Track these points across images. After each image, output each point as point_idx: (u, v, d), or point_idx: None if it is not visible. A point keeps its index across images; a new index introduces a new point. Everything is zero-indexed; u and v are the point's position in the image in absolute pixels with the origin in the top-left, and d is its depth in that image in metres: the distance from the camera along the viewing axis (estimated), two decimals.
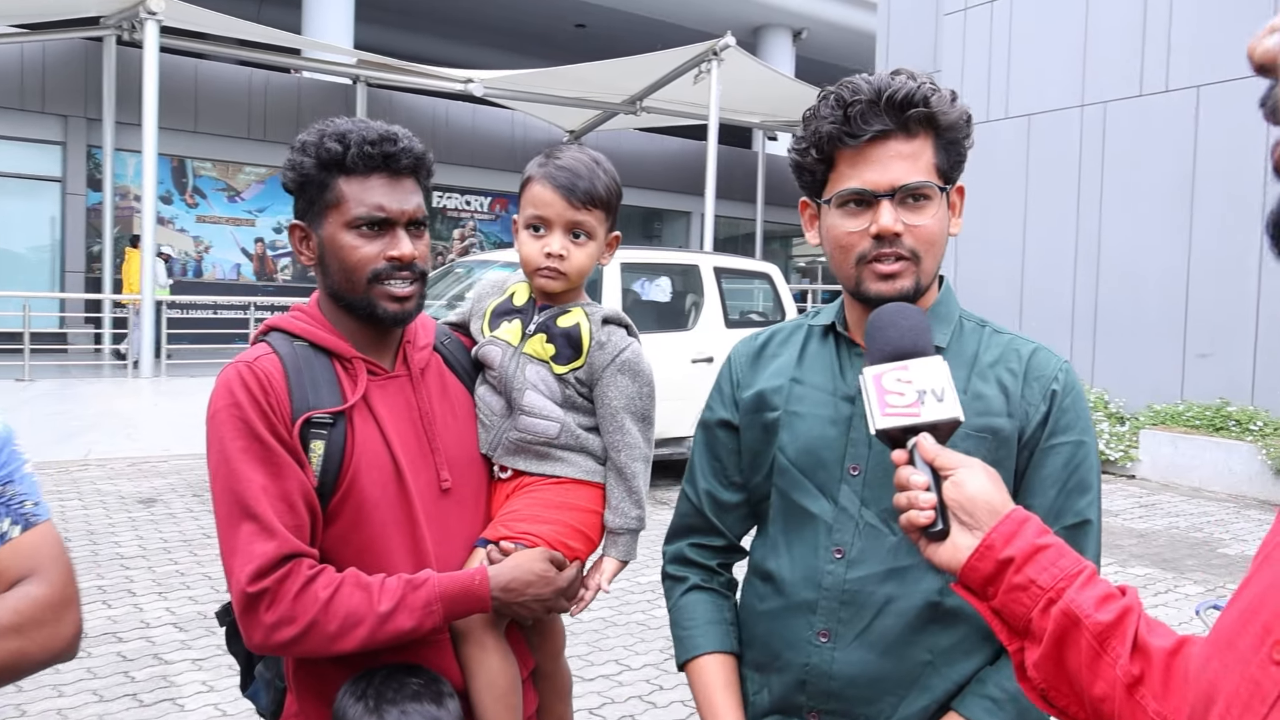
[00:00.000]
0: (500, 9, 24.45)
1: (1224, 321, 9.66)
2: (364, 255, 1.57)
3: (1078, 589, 0.99)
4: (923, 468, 1.11)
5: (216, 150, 18.14)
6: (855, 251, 1.43)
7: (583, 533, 1.71)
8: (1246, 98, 9.16)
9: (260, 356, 1.57)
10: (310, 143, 1.59)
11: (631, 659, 4.66)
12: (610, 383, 1.70)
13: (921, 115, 1.39)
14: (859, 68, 16.27)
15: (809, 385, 1.55)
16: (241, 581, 1.44)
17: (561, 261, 1.70)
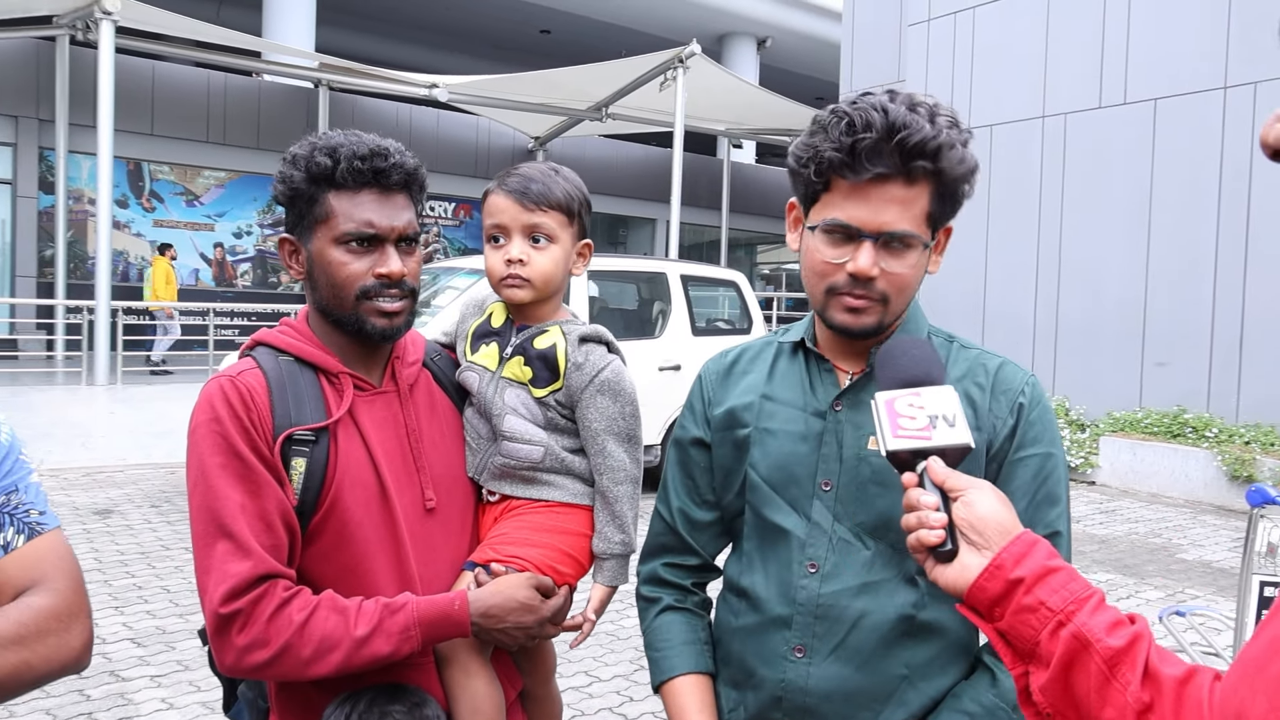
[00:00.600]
0: (464, 14, 24.35)
1: (1180, 331, 9.82)
2: (352, 272, 1.55)
3: (1089, 613, 0.99)
4: (932, 490, 1.13)
5: (174, 153, 17.86)
6: (828, 281, 1.42)
7: (572, 557, 1.68)
8: (1202, 111, 9.39)
9: (244, 371, 1.54)
10: (300, 156, 1.57)
11: (601, 670, 4.62)
12: (590, 404, 1.67)
13: (924, 167, 1.36)
14: (823, 77, 16.43)
15: (780, 401, 1.55)
16: (214, 602, 1.41)
17: (522, 267, 1.67)
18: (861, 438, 1.47)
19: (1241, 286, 9.41)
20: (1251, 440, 8.75)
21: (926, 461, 1.15)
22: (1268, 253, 9.24)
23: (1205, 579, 6.41)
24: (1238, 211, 9.46)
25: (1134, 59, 10.30)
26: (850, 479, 1.47)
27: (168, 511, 7.36)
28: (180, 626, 4.96)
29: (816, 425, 1.50)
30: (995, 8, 11.68)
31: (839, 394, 1.51)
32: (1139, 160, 10.21)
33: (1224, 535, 7.62)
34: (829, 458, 1.49)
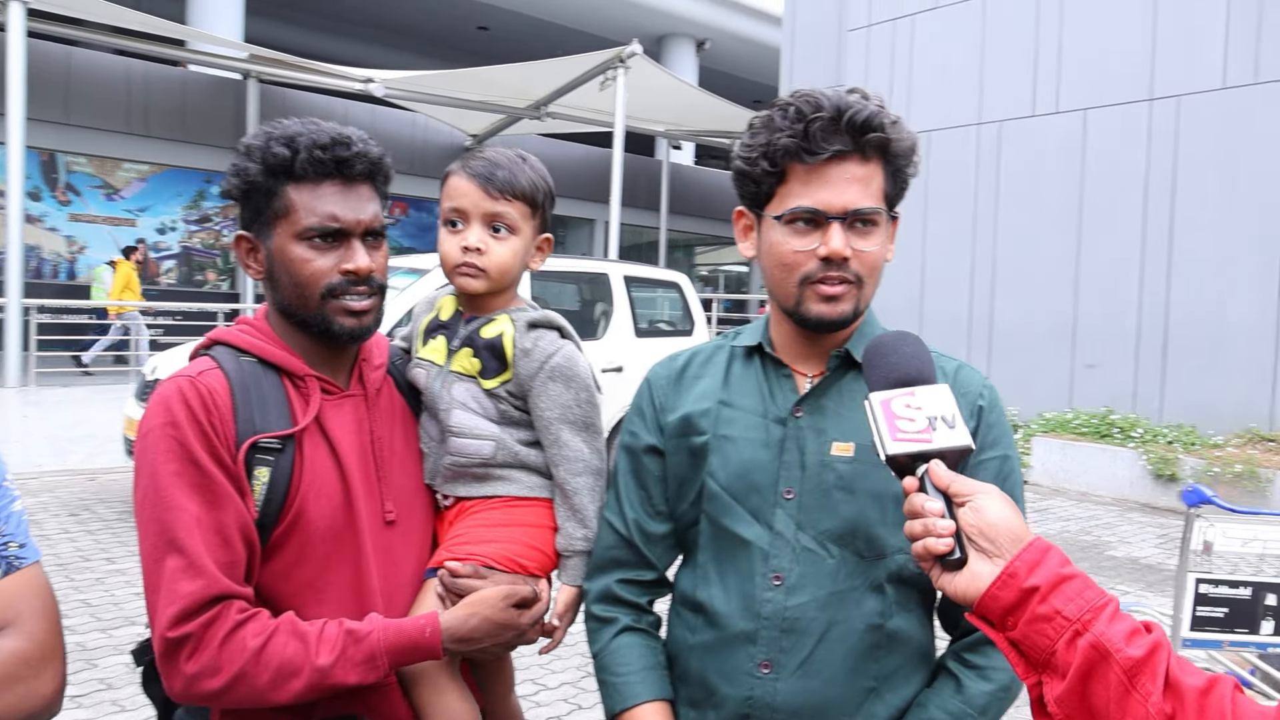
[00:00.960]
0: (400, 8, 24.01)
1: (1109, 334, 10.08)
2: (317, 269, 1.47)
3: (1106, 621, 0.97)
4: (935, 494, 1.09)
5: (92, 145, 16.95)
6: (801, 271, 1.41)
7: (536, 548, 1.61)
8: (1130, 121, 9.65)
9: (204, 372, 1.44)
10: (255, 147, 1.48)
11: (548, 678, 4.57)
12: (541, 392, 1.59)
13: (878, 140, 1.38)
14: (761, 80, 16.58)
15: (738, 408, 1.51)
16: (163, 625, 1.32)
17: (479, 256, 1.60)
18: (824, 444, 1.45)
19: (1166, 292, 9.70)
20: (1175, 440, 9.02)
21: (928, 465, 1.11)
22: (1191, 259, 9.53)
23: (1134, 575, 6.57)
24: (1162, 219, 9.74)
25: (1066, 69, 10.54)
26: (813, 486, 1.44)
27: (87, 520, 7.05)
28: (103, 643, 4.75)
29: (777, 432, 1.47)
30: (934, 15, 11.87)
31: (799, 399, 1.48)
32: (1070, 168, 10.46)
33: (1150, 532, 7.83)
34: (790, 465, 1.45)
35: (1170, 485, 8.65)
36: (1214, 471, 8.25)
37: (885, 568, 1.44)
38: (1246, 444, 8.67)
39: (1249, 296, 9.08)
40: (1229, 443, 8.77)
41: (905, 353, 1.21)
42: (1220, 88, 9.36)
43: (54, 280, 16.65)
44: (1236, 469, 8.13)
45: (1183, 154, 9.59)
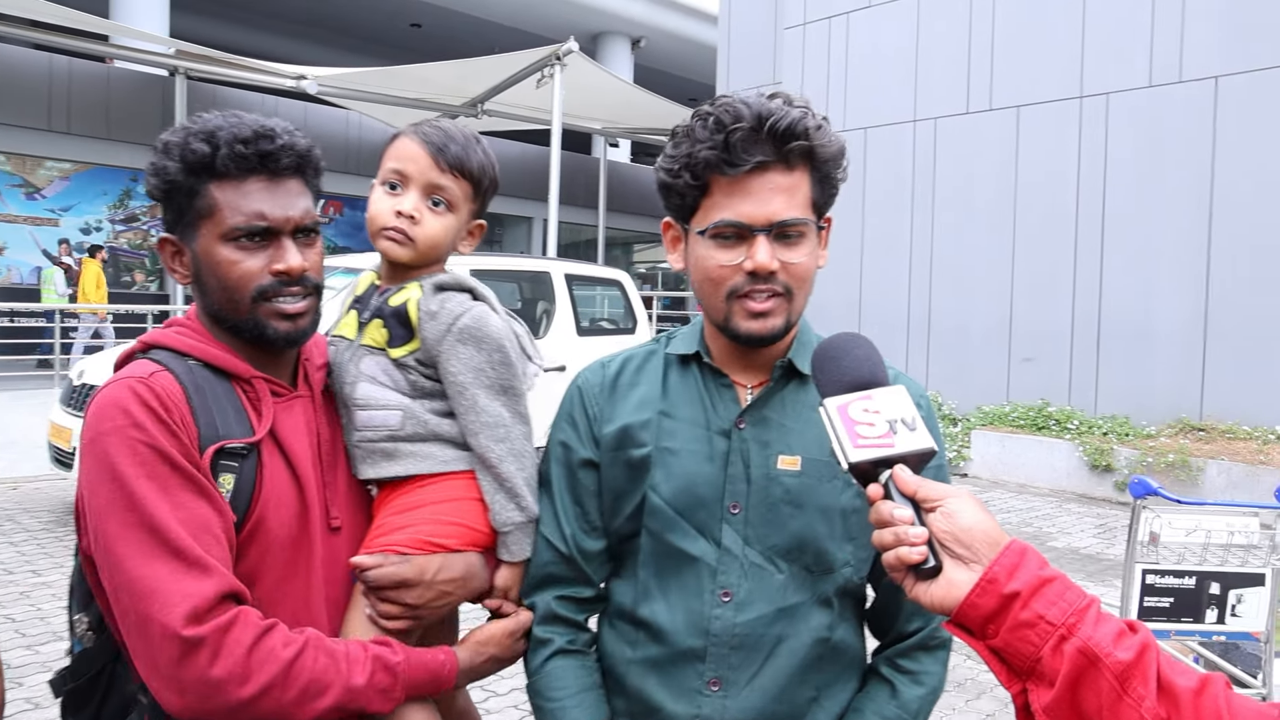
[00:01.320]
0: (331, 4, 23.64)
1: (1044, 328, 10.28)
2: (245, 271, 1.39)
3: (1091, 624, 0.94)
4: (902, 502, 1.05)
5: (11, 142, 16.42)
6: (727, 285, 1.37)
7: (454, 523, 1.49)
8: (1061, 118, 9.85)
9: (154, 374, 1.34)
10: (174, 143, 1.39)
11: (498, 684, 4.50)
12: (450, 355, 1.48)
13: (802, 149, 1.34)
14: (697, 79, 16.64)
15: (680, 419, 1.46)
16: (175, 624, 1.20)
17: (412, 224, 1.52)
18: (769, 457, 1.41)
19: (1098, 287, 9.92)
20: (1109, 431, 9.23)
21: (891, 471, 1.07)
22: (1122, 255, 9.76)
23: (1075, 565, 6.70)
24: (1094, 215, 9.96)
25: (999, 66, 10.73)
26: (760, 500, 1.40)
27: (10, 531, 6.79)
28: (28, 660, 4.56)
29: (721, 445, 1.43)
30: (868, 13, 12.00)
31: (741, 411, 1.44)
32: (1004, 165, 10.65)
33: (1088, 522, 8.00)
34: (736, 479, 1.41)
35: (1106, 475, 8.85)
36: (1148, 461, 8.45)
37: (833, 581, 1.43)
38: (1178, 434, 8.90)
39: (1177, 290, 9.34)
40: (1161, 433, 9.00)
41: (857, 355, 1.18)
42: (1146, 85, 9.60)
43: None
44: (1169, 458, 8.34)
45: (1112, 151, 9.82)
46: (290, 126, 1.45)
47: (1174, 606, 2.85)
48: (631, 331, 9.14)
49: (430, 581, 1.43)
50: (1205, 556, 2.88)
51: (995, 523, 1.04)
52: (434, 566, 1.44)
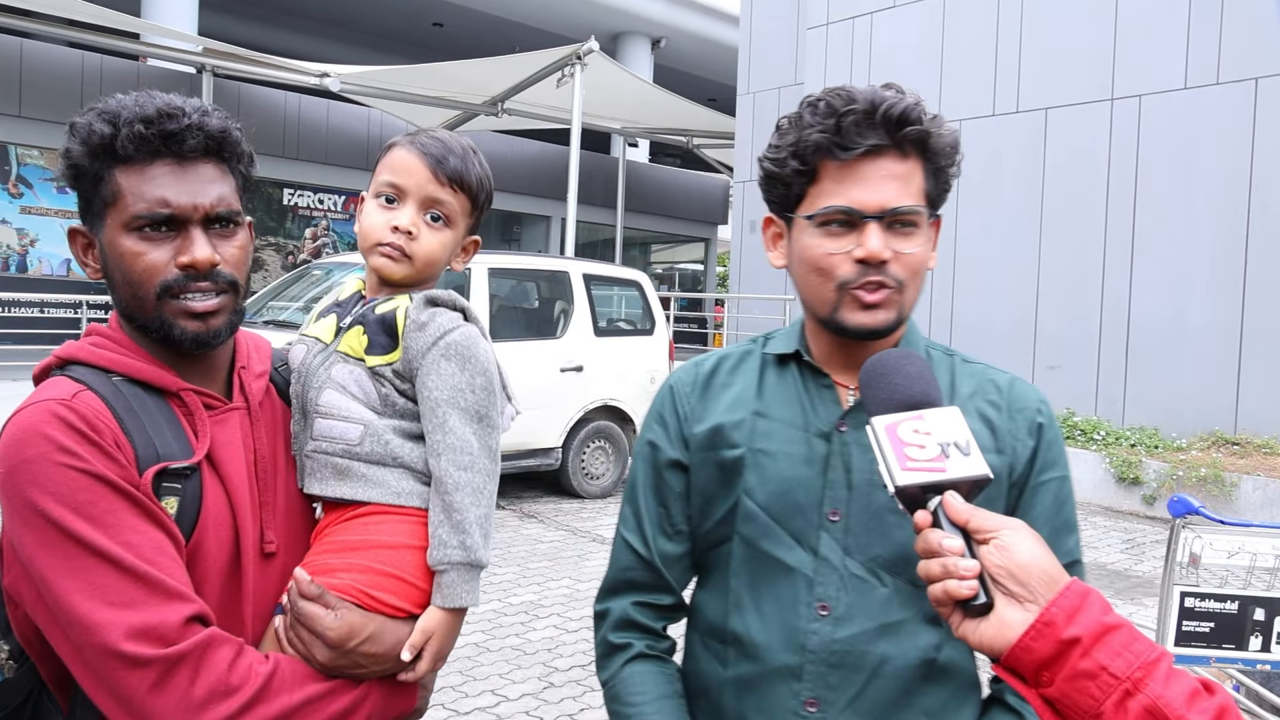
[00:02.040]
0: (355, 4, 23.72)
1: (1070, 336, 10.14)
2: (149, 264, 1.25)
3: (1162, 681, 0.85)
4: (952, 531, 0.97)
5: (45, 137, 16.67)
6: (836, 276, 1.29)
7: (397, 577, 1.34)
8: (1091, 121, 9.68)
9: (77, 394, 1.21)
10: (80, 124, 1.26)
11: (508, 688, 4.43)
12: (431, 369, 1.37)
13: (917, 134, 1.27)
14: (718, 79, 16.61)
15: (776, 420, 1.38)
16: (142, 651, 1.11)
17: (409, 240, 1.42)
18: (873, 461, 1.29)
19: (1127, 293, 9.76)
20: (1137, 443, 9.07)
21: (942, 497, 0.99)
22: (1152, 260, 9.60)
23: (1102, 581, 6.56)
24: (1124, 220, 9.80)
25: (1026, 68, 10.58)
26: (862, 508, 1.31)
27: None
28: None
29: (820, 448, 1.34)
30: (892, 14, 11.87)
31: (843, 413, 1.35)
32: (1031, 168, 10.50)
33: (1115, 537, 7.84)
34: (836, 484, 1.33)
35: (1134, 489, 8.69)
36: (1178, 475, 8.28)
37: None
38: (1210, 447, 8.73)
39: (1211, 298, 9.16)
40: (1193, 446, 8.82)
41: (909, 372, 1.11)
42: (1182, 88, 9.43)
43: (4, 273, 16.37)
44: (1201, 473, 8.15)
45: (1144, 155, 9.66)
46: (207, 106, 1.31)
47: (1214, 632, 2.73)
48: (650, 332, 9.05)
49: (350, 649, 1.28)
50: (1250, 580, 2.76)
51: (1055, 560, 0.95)
52: (363, 634, 1.29)
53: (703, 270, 27.92)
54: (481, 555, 1.36)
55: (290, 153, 19.03)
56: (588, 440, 8.52)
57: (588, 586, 6.03)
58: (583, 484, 8.53)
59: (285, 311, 7.99)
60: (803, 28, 13.53)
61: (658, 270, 27.89)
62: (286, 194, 19.72)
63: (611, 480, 8.74)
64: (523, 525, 7.54)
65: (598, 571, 6.34)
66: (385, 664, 1.31)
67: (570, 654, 4.87)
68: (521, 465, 7.99)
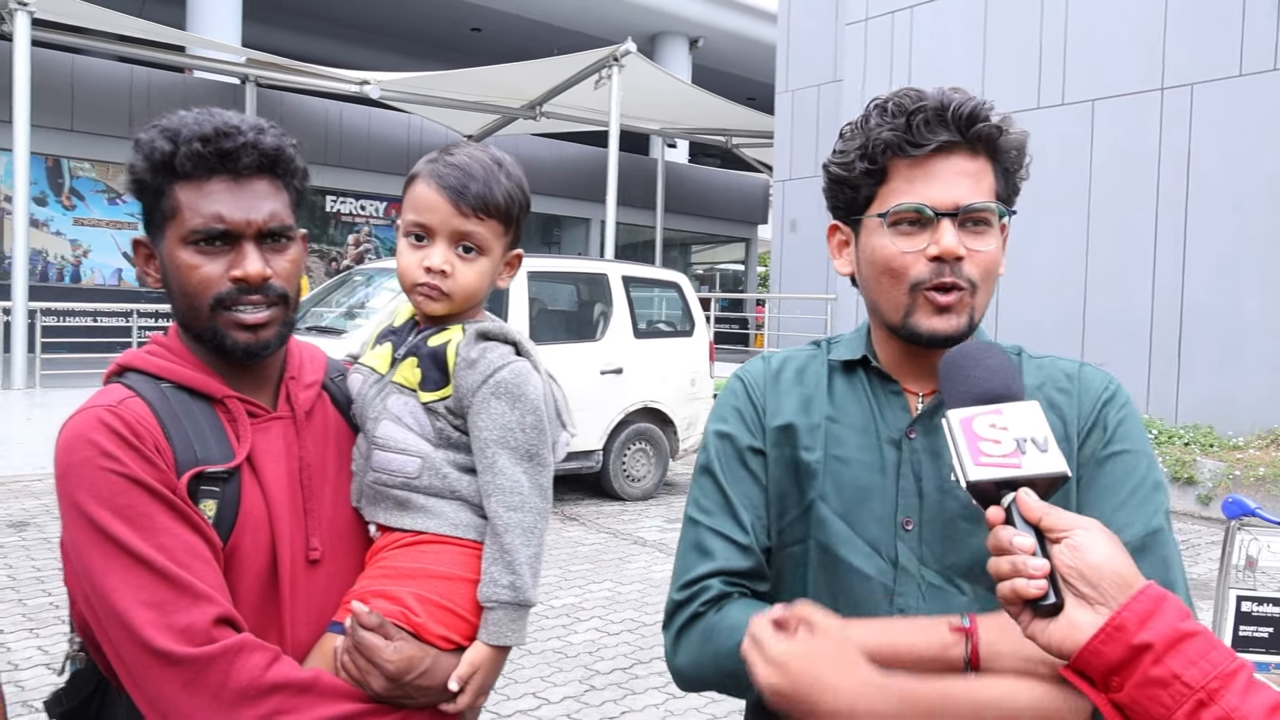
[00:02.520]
0: (394, 11, 23.95)
1: (1120, 331, 9.96)
2: (204, 276, 1.31)
3: (1239, 694, 0.82)
4: (1024, 529, 0.95)
5: (96, 150, 17.21)
6: (909, 276, 1.25)
7: (447, 608, 1.36)
8: (1139, 112, 9.48)
9: (124, 400, 1.28)
10: (143, 140, 1.32)
11: (549, 691, 4.42)
12: (481, 409, 1.39)
13: (988, 131, 1.25)
14: (756, 77, 16.55)
15: (847, 426, 1.34)
16: (176, 648, 1.16)
17: (443, 279, 1.41)
18: (943, 468, 1.28)
19: (1180, 288, 9.55)
20: (1191, 441, 8.86)
21: (1015, 494, 0.97)
22: (1205, 254, 9.39)
23: None
24: (1175, 213, 9.60)
25: (1071, 59, 10.40)
26: (934, 516, 1.28)
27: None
28: None
29: (892, 455, 1.30)
30: (932, 8, 11.73)
31: (912, 420, 1.32)
32: (1077, 161, 10.32)
33: None
34: (907, 493, 1.29)
35: (1188, 489, 8.49)
36: (1235, 475, 8.07)
37: None
38: (1269, 445, 8.50)
39: (1267, 291, 8.94)
40: (1250, 444, 8.60)
41: (990, 365, 1.09)
42: (1237, 75, 9.21)
43: (59, 283, 16.82)
44: (1259, 472, 7.93)
45: (1196, 145, 9.45)
46: (262, 124, 1.36)
47: (1273, 637, 2.65)
48: (689, 334, 9.02)
49: (406, 682, 1.30)
50: None
51: (1130, 562, 0.92)
52: (420, 667, 1.32)
53: (744, 270, 27.83)
54: (530, 595, 1.38)
55: (332, 160, 19.27)
56: (628, 442, 8.51)
57: (629, 589, 6.01)
58: (624, 486, 8.52)
59: (327, 317, 8.07)
60: (841, 24, 13.42)
61: (698, 271, 27.85)
62: (329, 201, 19.97)
63: (653, 482, 8.72)
64: (564, 528, 7.54)
65: (639, 574, 6.32)
66: (432, 696, 1.34)
67: (611, 656, 4.85)
68: (563, 468, 7.99)
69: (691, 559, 1.33)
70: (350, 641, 1.31)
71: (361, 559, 1.45)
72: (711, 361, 9.12)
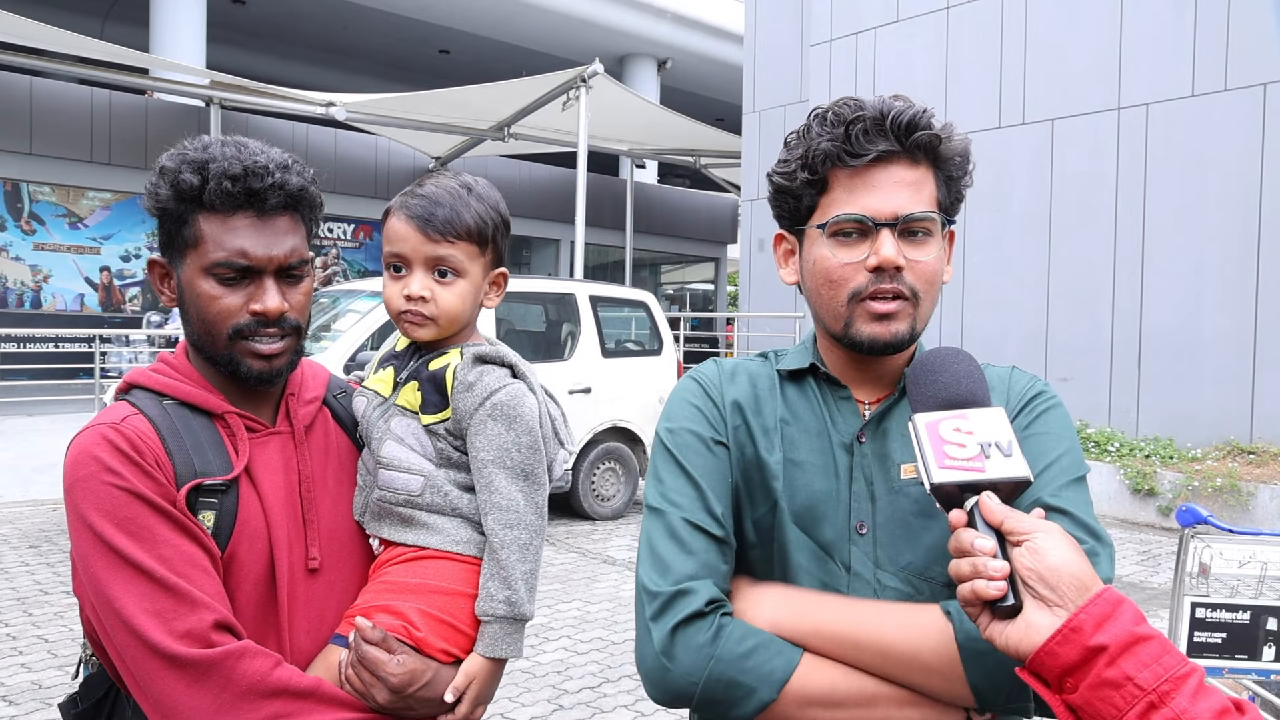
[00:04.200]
0: (361, 33, 23.89)
1: (1082, 347, 10.07)
2: (224, 307, 1.37)
3: (1189, 697, 0.84)
4: (986, 531, 0.97)
5: (56, 174, 16.94)
6: (848, 287, 1.26)
7: (446, 622, 1.41)
8: (1098, 131, 9.64)
9: (126, 418, 1.34)
10: (169, 169, 1.38)
11: (518, 711, 4.40)
12: (479, 430, 1.44)
13: (927, 140, 1.25)
14: (723, 99, 16.65)
15: (801, 430, 1.34)
16: (179, 651, 1.21)
17: (424, 304, 1.47)
18: (891, 468, 1.29)
19: (1139, 303, 9.69)
20: (1151, 454, 8.98)
21: (978, 497, 0.99)
22: (1164, 270, 9.54)
23: None
24: (1134, 230, 9.75)
25: (1031, 80, 10.57)
26: (887, 518, 1.28)
27: (48, 552, 6.88)
28: (59, 680, 4.57)
29: (844, 460, 1.31)
30: (895, 29, 11.89)
31: (862, 424, 1.32)
32: (1038, 180, 10.47)
33: (1130, 549, 7.76)
34: (860, 497, 1.29)
35: (1149, 500, 8.60)
36: (1194, 486, 8.19)
37: None
38: (1226, 456, 8.64)
39: (1224, 306, 9.09)
40: (1208, 456, 8.73)
41: (956, 371, 1.11)
42: (1189, 95, 9.40)
43: (19, 309, 16.54)
44: (1217, 482, 8.07)
45: (1153, 163, 9.62)
46: (287, 161, 1.42)
47: (1226, 642, 2.68)
48: (658, 353, 9.05)
49: (408, 694, 1.35)
50: (1261, 590, 2.71)
51: (1089, 566, 0.94)
52: (422, 680, 1.37)
53: (713, 290, 27.91)
54: (525, 610, 1.43)
55: None
56: (597, 462, 8.50)
57: (598, 608, 5.99)
58: (593, 506, 8.51)
59: None
60: (807, 45, 13.57)
61: (668, 291, 27.90)
62: None
63: (622, 502, 8.71)
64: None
65: (608, 593, 6.31)
66: (433, 707, 1.38)
67: (580, 675, 4.83)
68: None
69: (677, 558, 1.25)
70: (354, 655, 1.36)
71: (361, 569, 1.50)
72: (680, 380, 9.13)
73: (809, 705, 1.18)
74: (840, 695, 1.18)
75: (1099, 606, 0.89)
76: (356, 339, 7.13)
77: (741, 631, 1.21)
